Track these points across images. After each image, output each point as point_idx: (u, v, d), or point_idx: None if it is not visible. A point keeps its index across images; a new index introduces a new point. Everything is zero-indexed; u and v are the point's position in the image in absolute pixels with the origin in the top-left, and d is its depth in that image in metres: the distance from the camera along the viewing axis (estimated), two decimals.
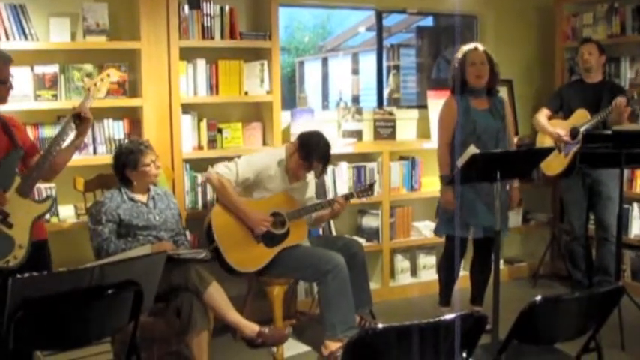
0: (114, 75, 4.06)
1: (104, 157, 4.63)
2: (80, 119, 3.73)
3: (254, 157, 4.68)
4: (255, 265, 4.48)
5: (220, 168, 4.51)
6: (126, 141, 4.64)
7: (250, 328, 4.17)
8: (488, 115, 4.78)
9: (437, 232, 5.05)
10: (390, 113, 5.95)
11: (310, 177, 4.88)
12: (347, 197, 4.82)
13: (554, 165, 5.50)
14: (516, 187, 4.94)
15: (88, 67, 4.68)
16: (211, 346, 4.13)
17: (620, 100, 5.17)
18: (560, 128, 5.47)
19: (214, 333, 4.27)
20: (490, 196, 4.47)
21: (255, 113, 5.33)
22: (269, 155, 4.70)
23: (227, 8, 5.03)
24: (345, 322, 4.39)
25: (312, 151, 4.55)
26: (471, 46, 4.82)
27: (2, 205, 3.52)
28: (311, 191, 4.90)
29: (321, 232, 5.40)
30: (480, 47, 4.81)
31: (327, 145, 4.62)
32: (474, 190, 4.64)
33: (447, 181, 4.68)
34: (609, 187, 5.29)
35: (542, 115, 5.67)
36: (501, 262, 5.95)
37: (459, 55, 4.80)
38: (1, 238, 3.50)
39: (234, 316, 4.16)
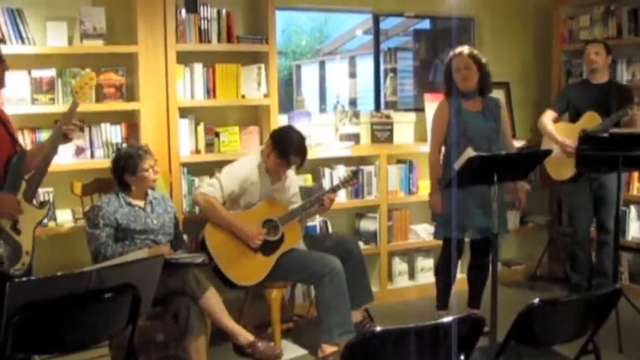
0: (94, 79, 3.98)
1: (101, 161, 4.62)
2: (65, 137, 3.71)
3: (234, 167, 4.64)
4: (256, 277, 4.47)
5: (204, 187, 4.50)
6: (125, 145, 4.63)
7: (245, 336, 4.19)
8: (481, 116, 4.77)
9: (436, 236, 5.05)
10: (387, 116, 5.96)
11: (291, 173, 4.86)
12: (334, 189, 4.82)
13: (563, 170, 5.43)
14: (522, 185, 4.94)
15: (85, 71, 4.67)
16: (210, 351, 4.13)
17: (637, 112, 5.15)
18: (569, 133, 5.37)
19: (214, 338, 4.26)
20: (484, 198, 4.48)
21: (253, 117, 5.33)
22: (247, 162, 4.68)
23: (224, 12, 5.03)
24: (342, 326, 4.39)
25: (287, 147, 4.54)
26: (456, 50, 4.79)
27: (20, 212, 3.52)
28: (295, 187, 4.89)
29: (318, 230, 5.40)
30: (465, 51, 4.76)
31: (301, 138, 4.61)
32: (468, 192, 4.63)
33: (443, 184, 4.68)
34: (614, 192, 5.24)
35: (549, 118, 5.58)
36: (499, 264, 5.95)
37: (447, 59, 4.81)
38: (11, 245, 3.49)
39: (229, 322, 4.17)
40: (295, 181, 4.95)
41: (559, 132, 5.51)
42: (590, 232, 5.63)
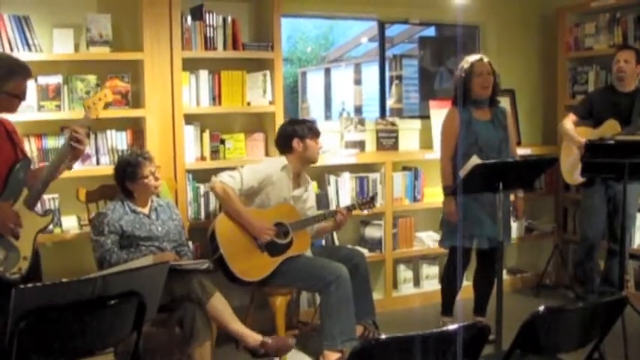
0: (109, 96, 4.01)
1: (107, 167, 4.62)
2: (76, 141, 3.65)
3: (257, 165, 4.69)
4: (258, 274, 4.47)
5: (224, 177, 4.50)
6: (125, 152, 4.64)
7: (253, 338, 4.16)
8: (490, 126, 4.78)
9: (441, 244, 5.05)
10: (393, 124, 5.96)
11: (311, 187, 4.90)
12: (349, 209, 4.84)
13: (577, 174, 5.28)
14: (521, 197, 4.93)
15: (91, 77, 4.69)
16: (214, 357, 4.12)
17: None
18: (587, 137, 5.23)
19: (217, 343, 4.26)
20: (494, 207, 4.49)
21: (258, 124, 5.34)
22: (272, 163, 4.72)
23: (230, 19, 5.05)
24: (345, 333, 4.38)
25: (307, 125, 4.73)
26: (476, 56, 4.81)
27: (19, 225, 3.52)
28: (312, 201, 4.92)
29: (324, 242, 5.40)
30: (485, 58, 4.80)
31: (301, 120, 4.84)
32: (477, 200, 4.64)
33: (449, 191, 4.68)
34: (629, 203, 5.21)
35: (569, 122, 5.51)
36: (504, 272, 5.94)
37: (465, 65, 4.78)
38: (8, 249, 3.50)
39: (237, 326, 4.15)
40: (314, 194, 5.00)
41: (576, 135, 5.41)
42: (600, 240, 5.56)
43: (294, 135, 4.66)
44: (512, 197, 4.89)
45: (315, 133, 4.73)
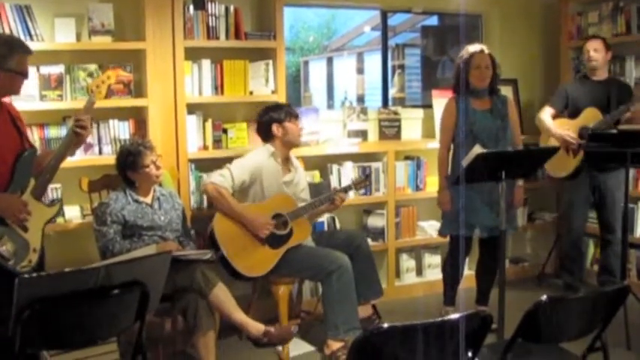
0: (112, 77, 4.01)
1: (109, 157, 4.61)
2: (80, 127, 3.65)
3: (244, 158, 4.64)
4: (263, 269, 4.46)
5: (215, 177, 4.48)
6: (126, 142, 4.63)
7: (256, 327, 4.17)
8: (488, 115, 4.77)
9: (441, 232, 5.07)
10: (395, 113, 5.95)
11: (300, 168, 4.88)
12: (346, 190, 4.83)
13: (561, 167, 5.41)
14: (521, 185, 4.93)
15: (93, 67, 4.68)
16: (218, 347, 4.13)
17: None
18: (568, 129, 5.34)
19: (221, 333, 4.27)
20: (491, 195, 4.51)
21: None
22: (258, 152, 4.68)
23: (232, 8, 5.04)
24: (348, 322, 4.39)
25: (283, 108, 4.68)
26: (476, 47, 4.78)
27: (27, 214, 3.52)
28: (304, 183, 4.89)
29: (326, 227, 5.41)
30: (486, 50, 4.78)
31: (276, 105, 4.75)
32: (473, 190, 4.63)
33: (451, 181, 4.68)
34: (615, 193, 5.25)
35: (547, 115, 5.52)
36: (507, 261, 5.94)
37: (465, 55, 4.77)
38: (18, 241, 3.49)
39: (240, 316, 4.15)
40: (304, 176, 4.96)
41: (558, 128, 5.45)
42: (584, 230, 5.60)
43: (271, 121, 4.63)
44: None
45: (292, 115, 4.68)
